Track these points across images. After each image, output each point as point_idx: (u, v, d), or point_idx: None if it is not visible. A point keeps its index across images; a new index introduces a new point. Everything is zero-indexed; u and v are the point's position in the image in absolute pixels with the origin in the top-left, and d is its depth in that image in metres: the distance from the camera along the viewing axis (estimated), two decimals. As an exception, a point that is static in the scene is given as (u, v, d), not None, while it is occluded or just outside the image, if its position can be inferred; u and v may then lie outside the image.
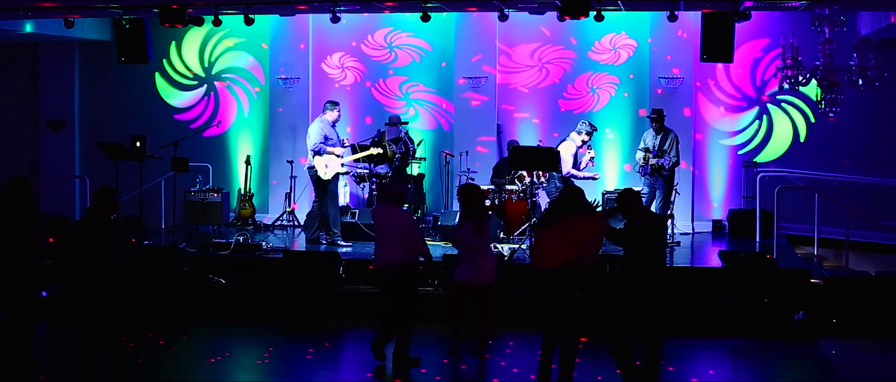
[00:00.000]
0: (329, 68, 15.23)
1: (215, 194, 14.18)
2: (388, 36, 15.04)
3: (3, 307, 8.37)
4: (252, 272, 11.36)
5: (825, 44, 8.75)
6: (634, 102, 14.42)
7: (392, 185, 9.11)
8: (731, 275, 10.51)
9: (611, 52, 14.46)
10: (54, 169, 15.73)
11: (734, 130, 14.45)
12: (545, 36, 14.62)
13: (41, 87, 16.25)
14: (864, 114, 14.00)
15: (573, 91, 14.64)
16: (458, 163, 14.02)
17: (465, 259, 8.81)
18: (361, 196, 14.29)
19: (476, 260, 8.72)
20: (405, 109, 14.84)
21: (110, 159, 12.68)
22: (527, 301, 10.44)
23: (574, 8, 10.78)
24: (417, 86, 15.02)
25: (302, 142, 14.89)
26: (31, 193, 8.45)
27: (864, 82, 8.68)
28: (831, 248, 13.06)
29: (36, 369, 8.40)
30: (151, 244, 12.32)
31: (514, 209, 12.60)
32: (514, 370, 8.75)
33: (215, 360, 9.25)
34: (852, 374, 9.06)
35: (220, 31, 15.22)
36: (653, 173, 12.17)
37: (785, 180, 13.50)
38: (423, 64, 15.01)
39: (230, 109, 15.65)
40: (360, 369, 9.27)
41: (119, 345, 7.90)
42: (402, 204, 8.78)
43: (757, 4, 11.43)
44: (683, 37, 13.93)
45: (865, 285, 10.38)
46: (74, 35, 13.95)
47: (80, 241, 7.79)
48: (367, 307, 10.63)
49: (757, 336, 9.89)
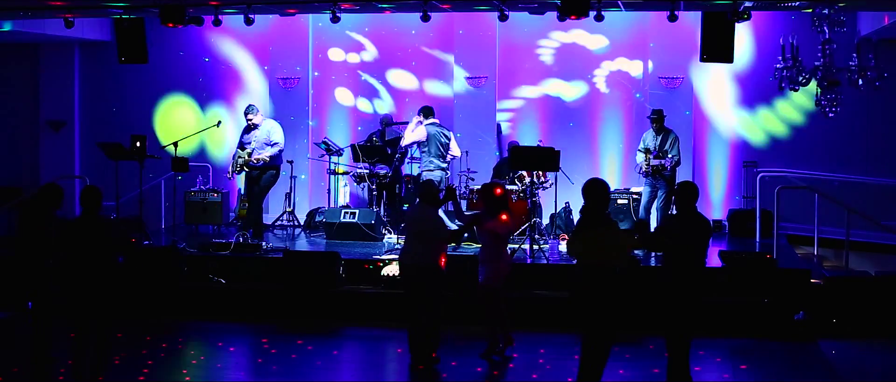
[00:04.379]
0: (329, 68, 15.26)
1: (215, 194, 14.18)
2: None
3: (6, 307, 8.42)
4: (252, 272, 11.35)
5: (825, 44, 8.75)
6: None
7: (426, 185, 9.16)
8: (731, 275, 10.51)
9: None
10: (54, 169, 15.72)
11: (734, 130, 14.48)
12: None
13: (41, 87, 16.25)
14: (864, 114, 14.00)
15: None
16: (458, 163, 14.02)
17: (481, 260, 8.86)
18: (361, 196, 14.29)
19: (489, 262, 8.76)
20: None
21: (110, 158, 12.67)
22: (527, 302, 10.49)
23: (574, 8, 10.78)
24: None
25: (300, 143, 14.93)
26: (54, 200, 8.48)
27: (864, 82, 8.68)
28: (831, 248, 13.05)
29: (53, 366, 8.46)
30: (151, 244, 12.31)
31: (514, 209, 12.57)
32: (510, 364, 8.77)
33: (215, 360, 9.25)
34: (852, 374, 9.06)
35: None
36: (654, 173, 12.16)
37: (785, 180, 13.50)
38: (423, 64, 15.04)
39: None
40: (360, 369, 9.29)
41: (103, 343, 7.86)
42: (434, 203, 8.82)
43: (757, 4, 11.43)
44: (684, 37, 13.93)
45: (865, 285, 10.38)
46: (74, 35, 13.96)
47: (21, 232, 8.28)
48: (367, 307, 10.65)
49: (757, 335, 9.90)
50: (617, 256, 7.35)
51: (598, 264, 7.24)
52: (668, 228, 7.95)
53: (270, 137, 12.29)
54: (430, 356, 8.66)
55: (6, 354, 9.22)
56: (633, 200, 13.01)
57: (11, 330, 10.25)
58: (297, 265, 10.88)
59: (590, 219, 7.35)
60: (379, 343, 9.95)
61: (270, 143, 12.27)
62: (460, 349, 9.27)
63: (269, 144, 12.27)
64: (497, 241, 8.78)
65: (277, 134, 12.36)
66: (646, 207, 12.36)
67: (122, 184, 12.60)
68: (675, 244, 7.64)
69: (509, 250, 11.46)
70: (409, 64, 15.10)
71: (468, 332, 9.68)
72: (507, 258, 9.05)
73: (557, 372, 8.64)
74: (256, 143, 12.26)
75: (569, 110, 14.77)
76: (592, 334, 7.35)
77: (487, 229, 8.77)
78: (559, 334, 9.91)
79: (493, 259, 8.78)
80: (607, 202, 7.50)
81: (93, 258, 7.67)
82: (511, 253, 11.29)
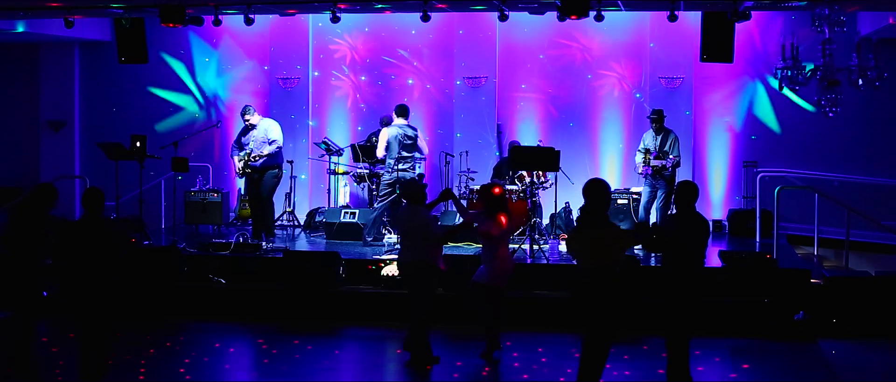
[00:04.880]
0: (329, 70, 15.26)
1: (215, 194, 14.18)
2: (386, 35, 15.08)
3: (6, 306, 8.42)
4: (252, 272, 11.35)
5: (825, 44, 8.75)
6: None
7: (410, 184, 9.19)
8: (731, 275, 10.51)
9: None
10: (54, 169, 15.72)
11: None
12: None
13: (41, 87, 16.25)
14: (864, 114, 14.00)
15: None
16: (458, 163, 14.03)
17: (484, 259, 8.87)
18: (361, 196, 14.29)
19: (491, 262, 8.77)
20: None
21: (110, 158, 12.68)
22: (527, 301, 10.49)
23: (574, 8, 10.79)
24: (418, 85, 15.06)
25: (300, 143, 14.94)
26: (47, 200, 8.45)
27: (864, 82, 8.67)
28: (831, 248, 13.06)
29: (38, 366, 8.43)
30: (151, 244, 12.32)
31: (514, 209, 12.56)
32: (516, 364, 8.77)
33: (215, 360, 9.25)
34: (852, 374, 9.06)
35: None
36: (654, 174, 12.16)
37: (785, 180, 13.50)
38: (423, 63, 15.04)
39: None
40: (360, 369, 9.29)
41: (100, 343, 7.85)
42: (421, 202, 8.83)
43: (757, 4, 11.44)
44: (683, 36, 13.94)
45: (865, 285, 10.38)
46: (74, 35, 13.96)
47: (12, 233, 8.31)
48: (367, 307, 10.65)
49: (757, 335, 9.89)
50: (615, 257, 7.35)
51: (597, 264, 7.25)
52: (666, 227, 7.97)
53: (268, 135, 12.29)
54: (425, 355, 8.66)
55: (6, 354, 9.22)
56: (633, 200, 13.01)
57: (11, 330, 10.23)
58: (297, 265, 10.88)
59: (589, 219, 7.35)
60: (379, 342, 9.95)
61: (269, 141, 12.28)
62: (464, 349, 9.26)
63: (268, 142, 12.27)
64: (496, 241, 8.79)
65: (275, 132, 12.36)
66: (646, 207, 12.36)
67: (122, 184, 12.60)
68: (673, 244, 7.65)
69: (510, 249, 11.51)
70: (409, 64, 15.10)
71: (470, 332, 9.67)
72: (509, 256, 9.04)
73: (557, 372, 8.64)
74: (255, 143, 12.26)
75: (569, 110, 14.77)
76: (592, 334, 7.35)
77: (481, 232, 8.78)
78: (559, 334, 9.90)
79: (494, 259, 8.79)
80: (608, 203, 7.49)
81: (95, 260, 7.67)
82: (512, 253, 11.31)
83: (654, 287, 7.81)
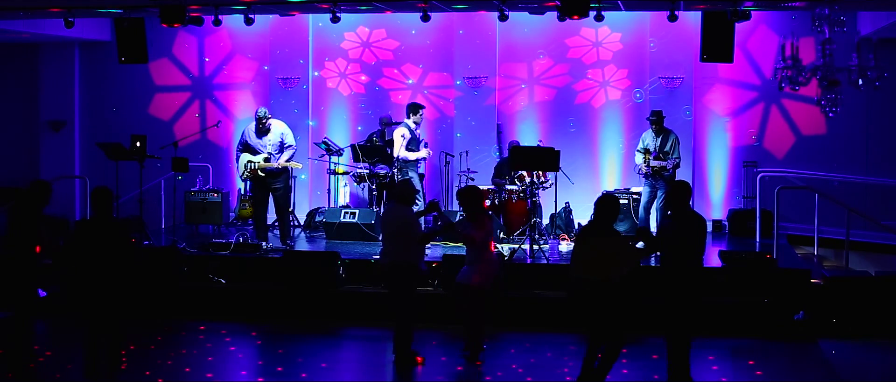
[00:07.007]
0: (328, 70, 15.26)
1: (215, 194, 14.18)
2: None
3: (5, 306, 8.41)
4: (252, 272, 11.35)
5: (825, 44, 8.74)
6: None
7: (403, 185, 9.17)
8: (731, 275, 10.51)
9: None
10: (54, 169, 15.72)
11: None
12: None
13: (41, 87, 16.25)
14: (864, 114, 13.99)
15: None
16: (458, 163, 14.03)
17: (468, 261, 8.84)
18: (361, 196, 14.29)
19: (475, 263, 8.73)
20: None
21: (110, 158, 12.67)
22: (526, 302, 10.48)
23: (574, 8, 10.79)
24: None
25: (300, 143, 14.93)
26: (42, 197, 8.42)
27: (864, 82, 8.66)
28: (831, 248, 13.05)
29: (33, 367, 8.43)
30: (151, 244, 12.31)
31: (514, 209, 12.60)
32: (514, 366, 8.76)
33: (215, 360, 9.25)
34: (852, 374, 9.06)
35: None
36: (654, 174, 12.15)
37: (785, 180, 13.50)
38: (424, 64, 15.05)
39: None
40: (360, 369, 9.29)
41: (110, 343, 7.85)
42: (409, 202, 8.80)
43: (757, 4, 11.44)
44: (683, 36, 13.93)
45: (865, 285, 10.38)
46: (74, 35, 13.95)
47: (10, 231, 8.27)
48: (367, 307, 10.64)
49: (757, 335, 9.89)
50: (617, 269, 7.43)
51: (597, 278, 7.35)
52: (664, 228, 7.98)
53: (285, 140, 12.19)
54: (408, 355, 8.66)
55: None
56: (633, 200, 13.00)
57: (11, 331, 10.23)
58: (297, 265, 10.88)
59: (595, 228, 7.48)
60: (379, 343, 9.93)
61: (286, 146, 12.18)
62: (463, 349, 9.25)
63: (285, 147, 12.17)
64: (479, 246, 8.72)
65: (291, 136, 12.28)
66: (645, 207, 12.35)
67: (122, 184, 12.60)
68: (671, 244, 7.67)
69: (510, 249, 11.51)
70: (409, 64, 15.10)
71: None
72: (493, 258, 8.95)
73: (557, 372, 8.63)
74: (271, 147, 12.14)
75: (569, 110, 14.76)
76: (597, 338, 7.45)
77: (464, 236, 8.73)
78: (559, 334, 9.90)
79: (478, 261, 8.72)
80: (615, 217, 7.72)
81: (106, 259, 7.67)
82: (511, 253, 11.32)
83: (654, 287, 7.83)
